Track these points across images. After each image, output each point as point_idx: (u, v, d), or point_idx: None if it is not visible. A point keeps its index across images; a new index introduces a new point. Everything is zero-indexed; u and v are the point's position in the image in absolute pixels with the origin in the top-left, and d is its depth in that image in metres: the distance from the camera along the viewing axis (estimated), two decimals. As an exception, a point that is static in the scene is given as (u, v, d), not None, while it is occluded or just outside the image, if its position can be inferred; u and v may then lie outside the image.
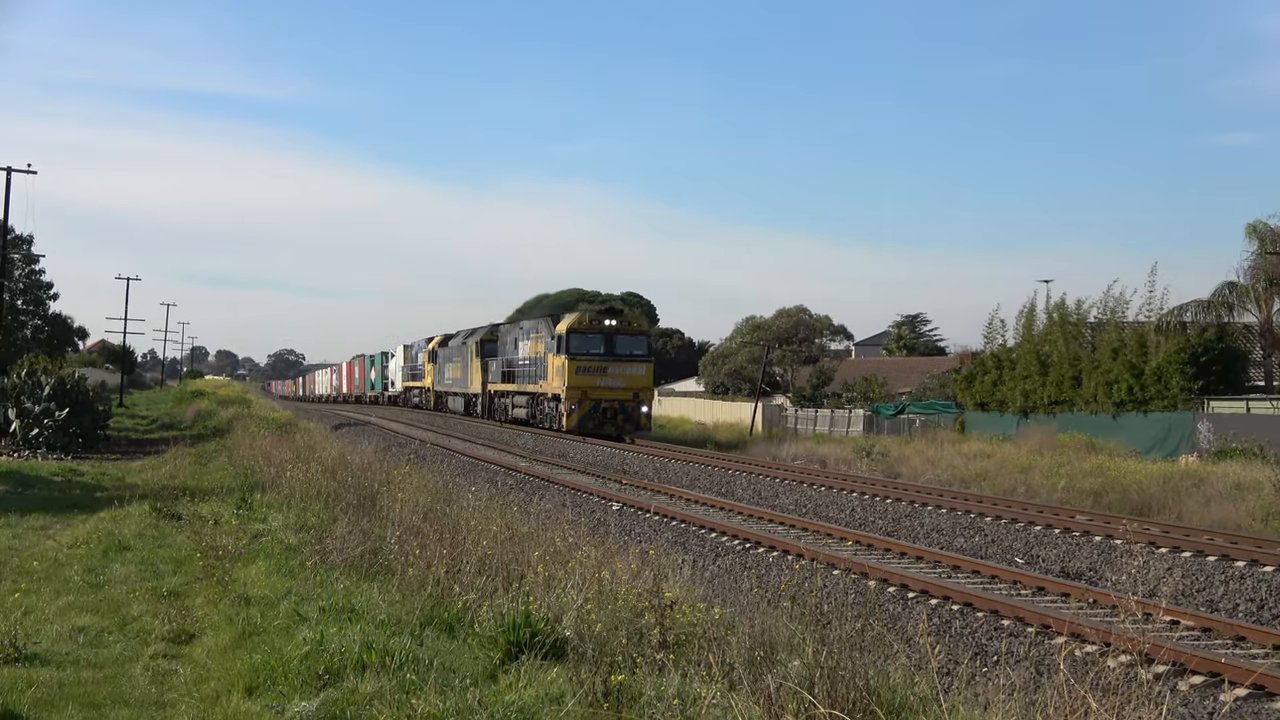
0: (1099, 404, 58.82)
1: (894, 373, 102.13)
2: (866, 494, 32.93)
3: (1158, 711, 8.25)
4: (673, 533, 26.04)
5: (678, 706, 10.36)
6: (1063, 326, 64.06)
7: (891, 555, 23.51)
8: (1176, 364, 55.45)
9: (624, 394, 62.24)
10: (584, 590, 13.71)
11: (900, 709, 9.73)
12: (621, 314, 64.88)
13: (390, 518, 19.98)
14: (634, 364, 62.98)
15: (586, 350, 62.12)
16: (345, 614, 14.66)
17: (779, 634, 11.69)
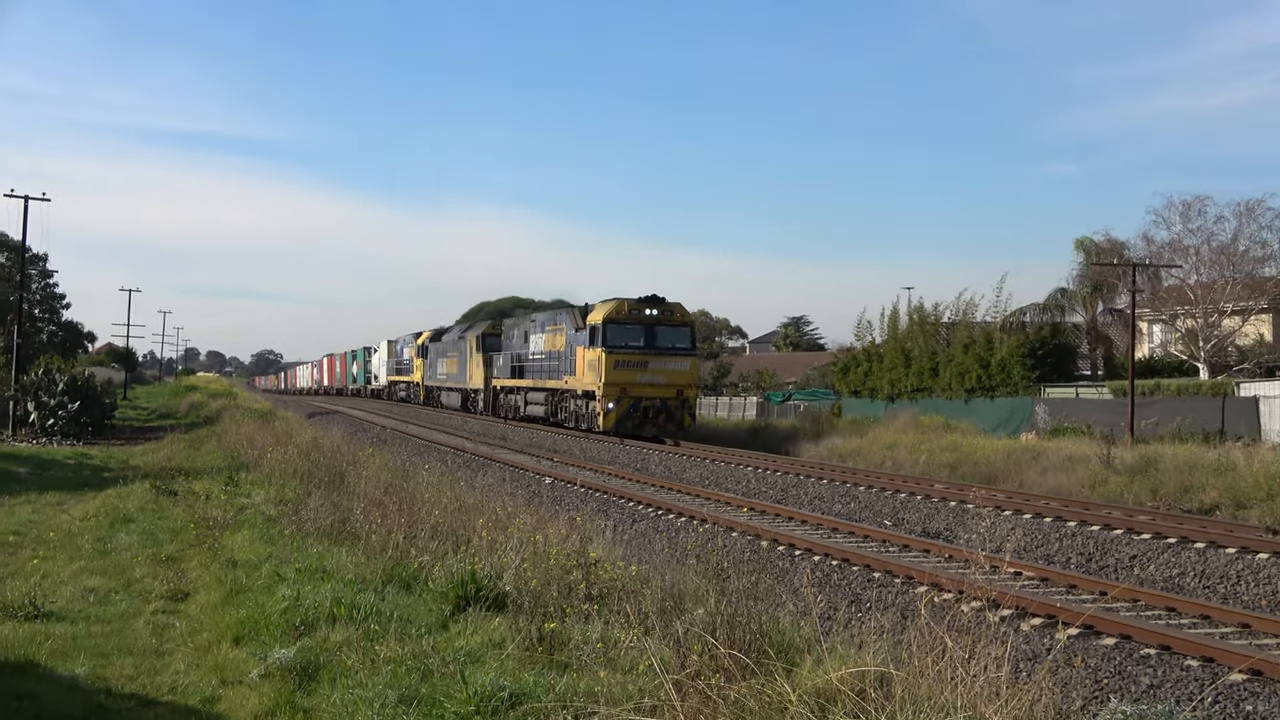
0: (953, 390, 59.83)
1: (782, 366, 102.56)
2: (758, 468, 32.98)
3: (1003, 648, 8.27)
4: (596, 502, 26.01)
5: (601, 649, 10.37)
6: (921, 326, 65.38)
7: (780, 519, 23.57)
8: (1017, 357, 56.81)
9: (666, 391, 48.13)
10: (521, 551, 13.67)
11: (788, 649, 9.74)
12: (663, 302, 49.14)
13: (356, 492, 19.93)
14: (677, 358, 48.69)
15: (625, 343, 47.70)
16: (318, 574, 14.68)
17: (686, 587, 11.69)
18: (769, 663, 8.66)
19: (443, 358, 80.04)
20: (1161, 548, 18.83)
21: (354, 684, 10.06)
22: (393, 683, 9.92)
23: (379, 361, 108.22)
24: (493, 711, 8.98)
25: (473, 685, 9.37)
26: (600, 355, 47.44)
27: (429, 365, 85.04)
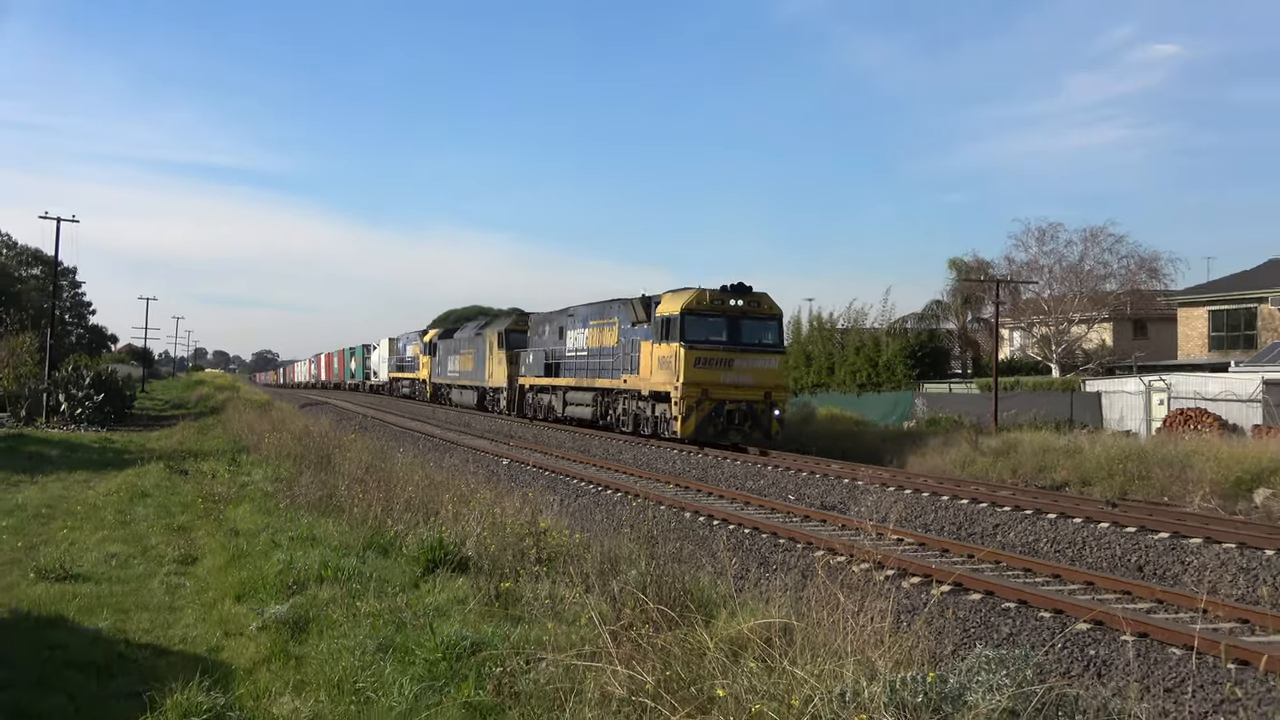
0: (847, 386, 60.86)
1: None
2: (683, 452, 33.03)
3: (887, 602, 8.36)
4: (546, 481, 25.97)
5: (549, 604, 10.40)
6: (820, 331, 66.68)
7: (702, 495, 23.62)
8: (900, 358, 58.24)
9: (753, 393, 35.23)
10: (481, 522, 13.66)
11: (707, 604, 9.78)
12: (749, 291, 36.67)
13: (341, 472, 19.90)
14: (765, 355, 36.04)
15: (706, 337, 35.22)
16: (308, 542, 14.67)
17: (621, 552, 11.70)
18: (691, 616, 8.70)
19: (454, 355, 66.08)
20: (1020, 518, 19.02)
21: (339, 635, 10.09)
22: (372, 633, 9.95)
23: (379, 358, 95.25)
24: (457, 658, 9.01)
25: (440, 635, 9.40)
26: (677, 351, 34.89)
27: (437, 362, 70.50)
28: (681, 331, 34.77)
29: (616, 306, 40.84)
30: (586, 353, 43.21)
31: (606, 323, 41.59)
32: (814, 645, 7.68)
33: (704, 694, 6.82)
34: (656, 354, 36.15)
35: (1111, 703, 7.10)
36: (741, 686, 6.85)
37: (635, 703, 6.86)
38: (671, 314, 35.52)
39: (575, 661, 7.85)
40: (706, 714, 6.52)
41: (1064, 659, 11.20)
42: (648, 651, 7.56)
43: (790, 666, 7.03)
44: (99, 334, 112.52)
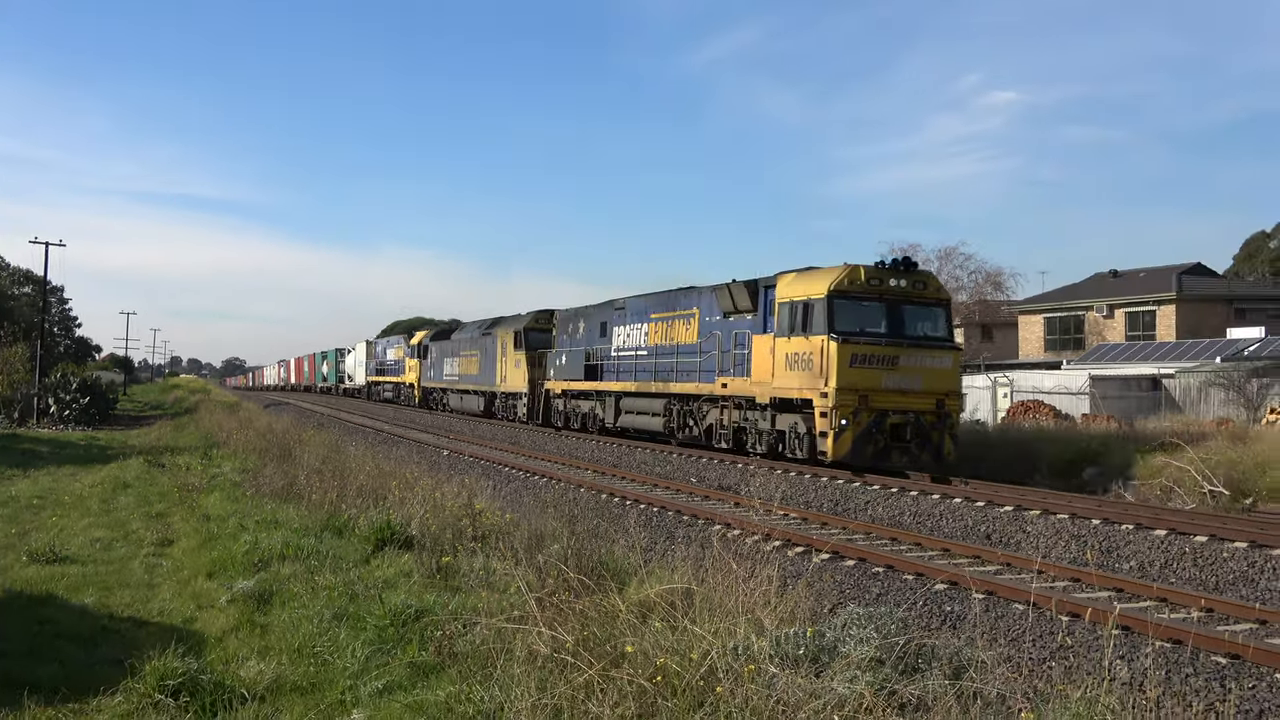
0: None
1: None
2: (599, 441, 33.00)
3: (773, 569, 8.42)
4: (481, 469, 25.82)
5: (483, 575, 10.38)
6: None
7: (616, 478, 23.61)
8: None
9: (924, 402, 22.80)
10: (424, 505, 13.58)
11: (620, 573, 9.80)
12: (915, 269, 23.93)
13: (301, 463, 19.66)
14: (937, 352, 23.23)
15: (861, 328, 22.88)
16: (272, 525, 14.52)
17: (547, 529, 11.69)
18: (606, 583, 8.72)
19: (452, 357, 53.28)
20: (887, 495, 19.24)
21: (299, 606, 10.00)
22: (328, 604, 9.88)
23: (355, 362, 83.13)
24: (403, 623, 8.97)
25: (388, 604, 9.35)
26: (823, 346, 22.45)
27: (430, 365, 57.71)
28: (830, 320, 22.48)
29: (696, 295, 28.69)
30: (647, 352, 31.23)
31: (679, 315, 29.54)
32: (712, 607, 7.72)
33: (616, 650, 6.83)
34: (781, 350, 24.04)
35: (963, 651, 7.21)
36: (649, 643, 6.87)
37: (557, 659, 6.85)
38: (810, 298, 23.17)
39: (505, 624, 7.83)
40: (618, 667, 6.53)
41: (925, 615, 11.35)
42: (568, 614, 7.56)
43: (691, 625, 7.06)
44: (84, 344, 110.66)
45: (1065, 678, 7.95)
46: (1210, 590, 12.34)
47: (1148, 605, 11.25)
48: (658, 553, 11.57)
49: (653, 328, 30.98)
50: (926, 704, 6.12)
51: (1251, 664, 9.09)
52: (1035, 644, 10.01)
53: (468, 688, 7.21)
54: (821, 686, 6.06)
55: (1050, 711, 6.05)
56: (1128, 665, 8.61)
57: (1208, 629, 10.08)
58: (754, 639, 6.79)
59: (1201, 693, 8.49)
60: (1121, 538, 14.62)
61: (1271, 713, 8.12)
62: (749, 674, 6.21)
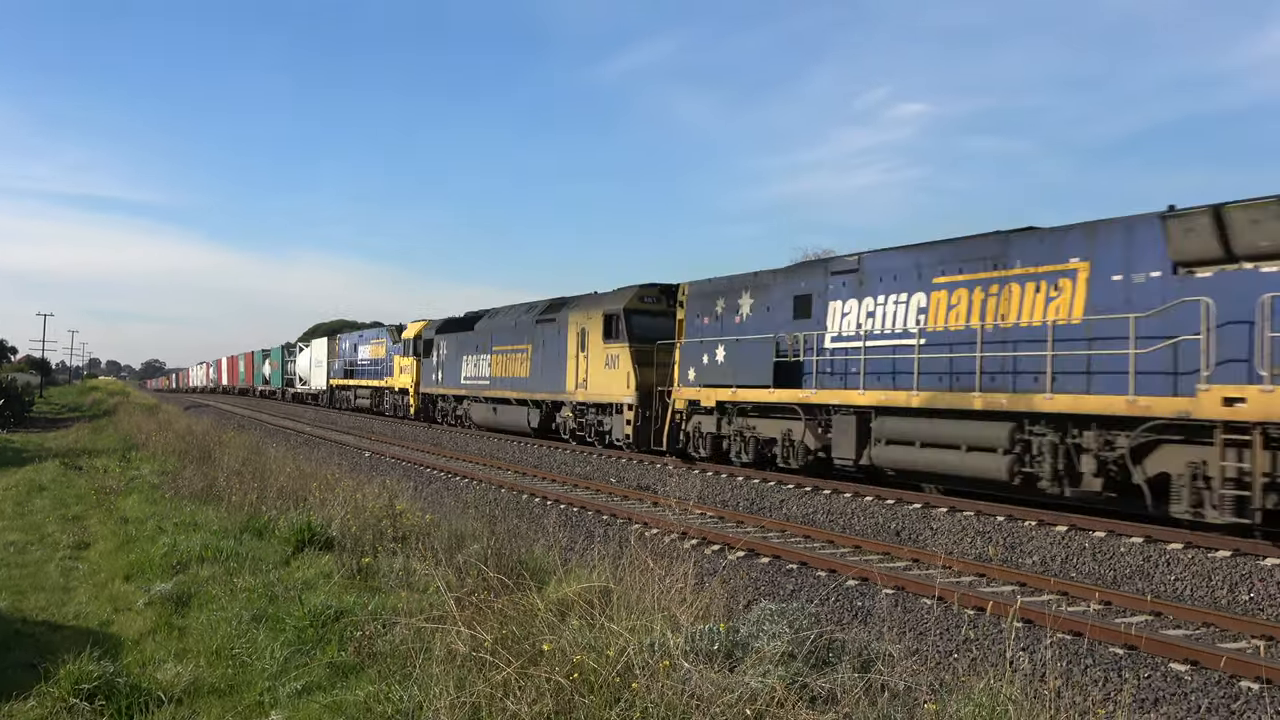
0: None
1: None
2: (521, 443, 32.90)
3: (689, 566, 8.49)
4: (403, 470, 25.63)
5: (403, 575, 10.33)
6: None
7: (537, 479, 23.58)
8: None
9: None
10: (345, 506, 13.47)
11: (540, 572, 9.81)
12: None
13: (221, 465, 19.38)
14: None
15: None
16: (191, 527, 14.29)
17: (467, 529, 11.65)
18: (525, 582, 8.72)
19: (478, 354, 37.61)
20: (801, 494, 19.42)
21: (217, 607, 9.86)
22: (247, 605, 9.75)
23: (310, 362, 68.40)
24: (322, 624, 8.90)
25: (308, 605, 9.27)
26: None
27: (439, 365, 41.69)
28: None
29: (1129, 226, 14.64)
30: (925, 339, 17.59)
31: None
32: (629, 604, 7.76)
33: (535, 648, 6.84)
34: None
35: (871, 645, 7.32)
36: (567, 641, 6.88)
37: (476, 658, 6.84)
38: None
39: (424, 624, 7.80)
40: (536, 665, 6.54)
41: (836, 610, 11.49)
42: (487, 613, 7.55)
43: (608, 623, 7.10)
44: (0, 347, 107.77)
45: (969, 670, 8.11)
46: (1108, 584, 12.66)
47: (1049, 599, 11.51)
48: (577, 552, 11.57)
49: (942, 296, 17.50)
50: (836, 696, 6.21)
51: (1146, 654, 9.35)
52: (941, 637, 10.20)
53: (386, 687, 7.17)
54: (734, 681, 6.13)
55: (954, 702, 6.17)
56: (1029, 657, 8.79)
57: (1105, 621, 10.34)
58: (670, 635, 6.84)
59: (1100, 682, 8.72)
60: (1024, 534, 14.92)
61: (1166, 701, 8.36)
62: (664, 669, 6.26)
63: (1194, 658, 9.09)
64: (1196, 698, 8.36)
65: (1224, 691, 8.44)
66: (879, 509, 17.49)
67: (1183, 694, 8.45)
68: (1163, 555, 13.12)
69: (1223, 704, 8.20)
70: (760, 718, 5.87)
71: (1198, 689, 8.52)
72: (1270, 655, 9.25)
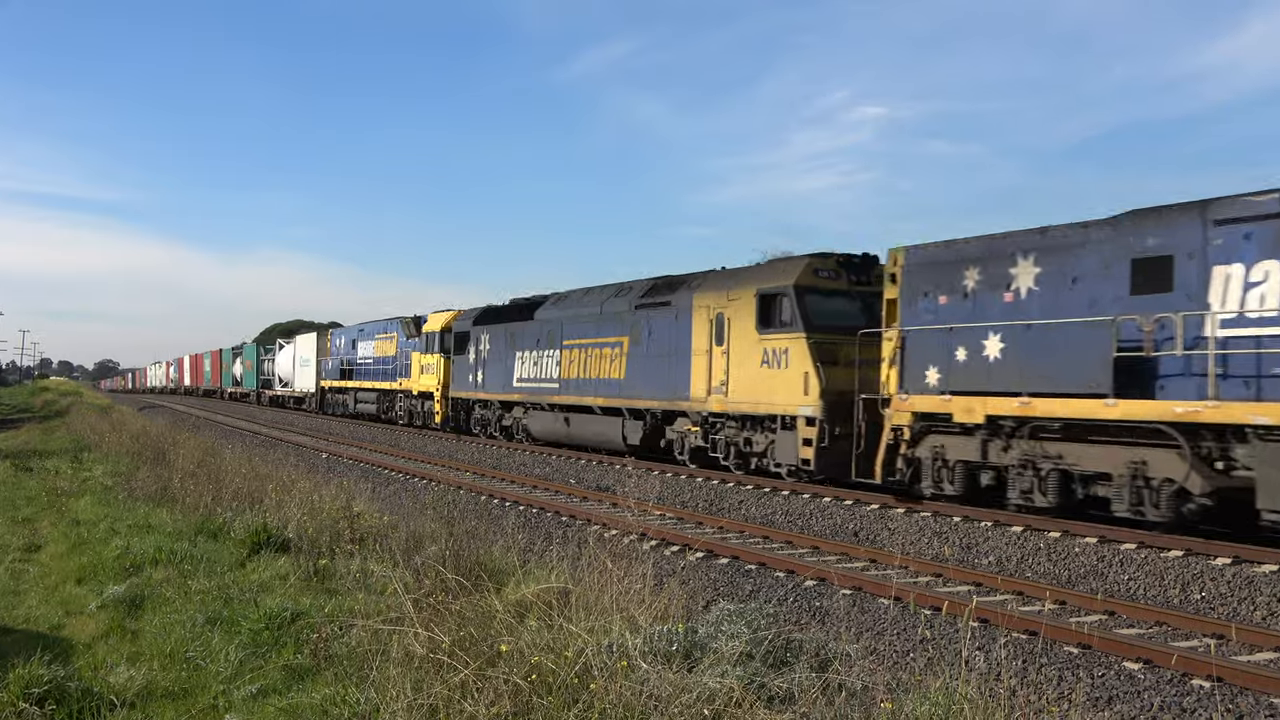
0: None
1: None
2: (482, 445, 32.78)
3: (648, 566, 8.48)
4: (361, 471, 25.46)
5: (360, 577, 10.26)
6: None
7: (496, 480, 23.50)
8: None
9: None
10: (302, 507, 13.37)
11: (499, 573, 9.76)
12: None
13: (175, 466, 19.17)
14: None
15: None
16: (145, 529, 14.13)
17: (425, 530, 11.61)
18: (484, 584, 8.68)
19: (539, 350, 29.09)
20: (759, 495, 19.46)
21: (171, 610, 9.76)
22: (202, 608, 9.65)
23: (295, 360, 59.16)
24: (278, 626, 8.81)
25: (263, 608, 9.19)
26: None
27: (479, 364, 33.52)
28: None
29: None
30: None
31: None
32: (588, 605, 7.74)
33: (493, 649, 6.81)
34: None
35: (829, 644, 7.34)
36: (525, 642, 6.86)
37: (433, 660, 6.80)
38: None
39: (381, 626, 7.74)
40: (494, 666, 6.50)
41: (795, 610, 11.52)
42: (445, 615, 7.50)
43: (566, 624, 7.08)
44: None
45: (926, 669, 8.15)
46: (1063, 584, 12.77)
47: (1004, 598, 11.60)
48: (536, 553, 11.55)
49: None
50: (794, 696, 6.22)
51: (1100, 653, 9.44)
52: (898, 637, 10.24)
53: (343, 690, 7.11)
54: (692, 681, 6.13)
55: (910, 701, 6.19)
56: (985, 656, 8.86)
57: (1060, 621, 10.43)
58: (628, 636, 6.83)
59: (1054, 681, 8.78)
60: (981, 534, 15.03)
61: (1120, 700, 8.43)
62: (623, 670, 6.24)
63: (1147, 656, 9.19)
64: (1149, 696, 8.44)
65: (1176, 690, 8.53)
66: (837, 510, 17.56)
67: (1136, 692, 8.53)
68: (1116, 555, 13.25)
69: (1175, 702, 8.29)
70: (718, 718, 5.87)
71: (1150, 687, 8.60)
72: (1221, 653, 9.36)
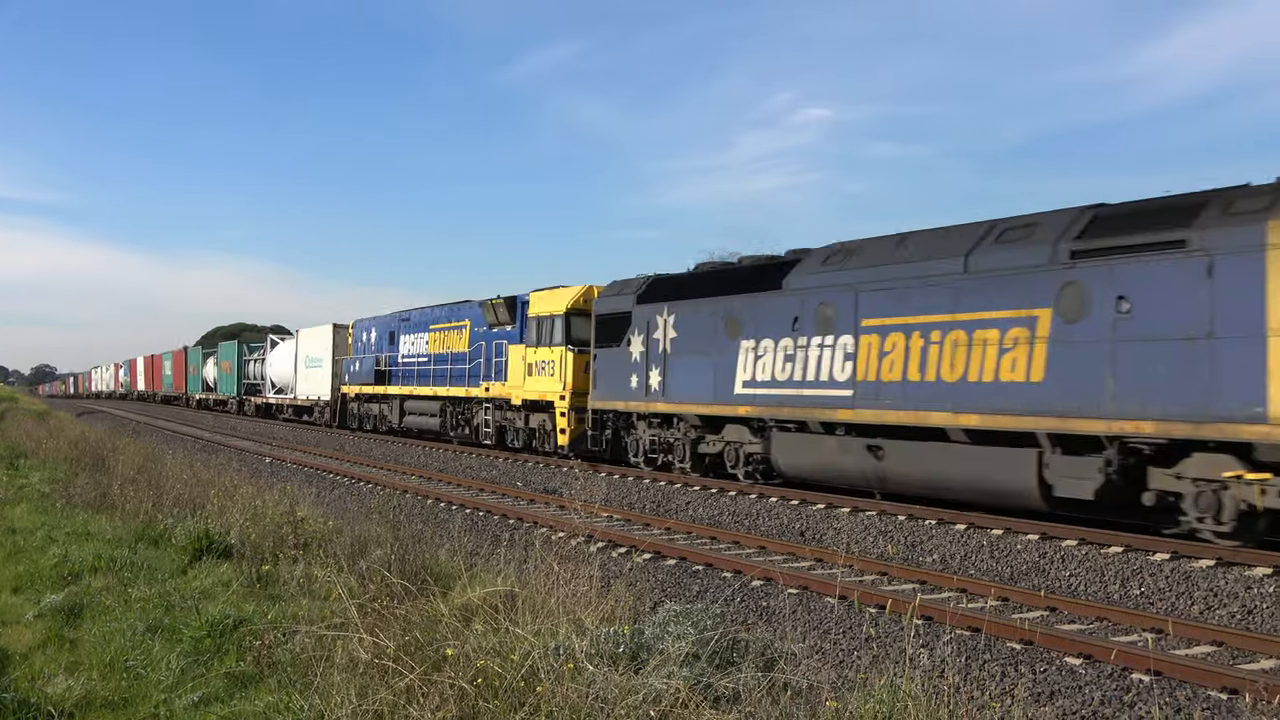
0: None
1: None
2: (428, 448, 32.60)
3: (595, 568, 8.48)
4: (305, 475, 25.23)
5: (304, 583, 10.17)
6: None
7: (443, 484, 23.38)
8: None
9: None
10: (245, 513, 13.21)
11: (445, 577, 9.71)
12: None
13: (115, 472, 18.85)
14: None
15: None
16: (83, 536, 13.83)
17: (370, 534, 11.50)
18: (430, 588, 8.64)
19: (800, 338, 17.75)
20: (706, 497, 19.52)
21: (111, 619, 9.59)
22: (142, 616, 9.50)
23: (294, 360, 48.38)
24: (220, 634, 8.70)
25: (205, 615, 9.07)
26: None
27: (648, 363, 21.82)
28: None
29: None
30: None
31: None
32: (534, 608, 7.73)
33: (438, 654, 6.77)
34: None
35: (775, 644, 7.38)
36: (471, 646, 6.84)
37: (378, 665, 6.76)
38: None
39: (325, 632, 7.68)
40: (440, 671, 6.47)
41: (742, 610, 11.56)
42: (390, 620, 7.46)
43: (512, 627, 7.07)
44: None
45: (871, 666, 8.22)
46: (1006, 580, 12.92)
47: (948, 596, 11.72)
48: (483, 556, 11.49)
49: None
50: (739, 696, 6.25)
51: (1042, 649, 9.57)
52: (844, 635, 10.32)
53: (287, 697, 7.04)
54: (639, 682, 6.13)
55: (855, 699, 6.24)
56: (929, 653, 8.94)
57: (1002, 617, 10.56)
58: (575, 639, 6.82)
59: (997, 677, 8.88)
60: (925, 532, 15.17)
61: (1062, 694, 8.55)
62: (569, 673, 6.24)
63: (1088, 651, 9.32)
64: (1090, 690, 8.56)
65: (1116, 684, 8.66)
66: (783, 510, 17.65)
67: (1077, 687, 8.65)
68: (1058, 552, 13.43)
69: (1115, 696, 8.42)
70: (664, 718, 5.88)
71: (1091, 682, 8.73)
72: (1160, 647, 9.52)
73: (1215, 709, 8.02)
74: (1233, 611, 11.16)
